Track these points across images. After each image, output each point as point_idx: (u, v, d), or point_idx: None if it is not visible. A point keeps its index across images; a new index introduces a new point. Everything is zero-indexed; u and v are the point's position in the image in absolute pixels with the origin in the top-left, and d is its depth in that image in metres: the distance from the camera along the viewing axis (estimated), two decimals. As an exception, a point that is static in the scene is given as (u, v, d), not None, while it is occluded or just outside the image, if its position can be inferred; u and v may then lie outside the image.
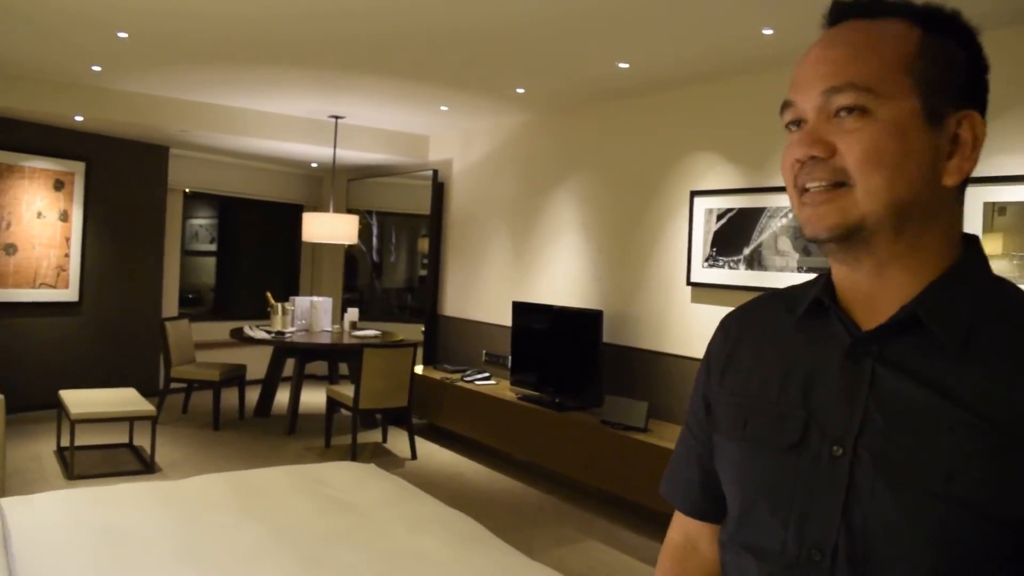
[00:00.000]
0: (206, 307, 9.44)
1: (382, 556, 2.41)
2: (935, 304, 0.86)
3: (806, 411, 0.92)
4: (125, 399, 5.50)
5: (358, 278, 9.55)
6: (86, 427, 5.34)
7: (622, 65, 4.80)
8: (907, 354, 0.86)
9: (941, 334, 0.84)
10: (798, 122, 0.92)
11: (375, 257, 9.52)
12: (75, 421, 5.05)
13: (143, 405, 5.36)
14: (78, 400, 5.34)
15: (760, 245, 4.68)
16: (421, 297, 7.87)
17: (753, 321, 1.10)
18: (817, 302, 0.96)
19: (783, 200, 4.54)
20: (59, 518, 2.60)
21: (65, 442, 5.33)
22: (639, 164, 5.52)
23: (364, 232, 8.85)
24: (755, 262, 4.70)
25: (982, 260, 0.91)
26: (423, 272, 8.14)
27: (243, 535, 2.48)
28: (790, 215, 4.50)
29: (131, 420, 5.47)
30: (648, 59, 4.65)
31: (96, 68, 5.57)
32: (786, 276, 4.51)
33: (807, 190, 0.89)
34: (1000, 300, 0.88)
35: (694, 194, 5.08)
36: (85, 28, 4.56)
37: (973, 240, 0.92)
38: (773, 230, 4.61)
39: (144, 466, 5.36)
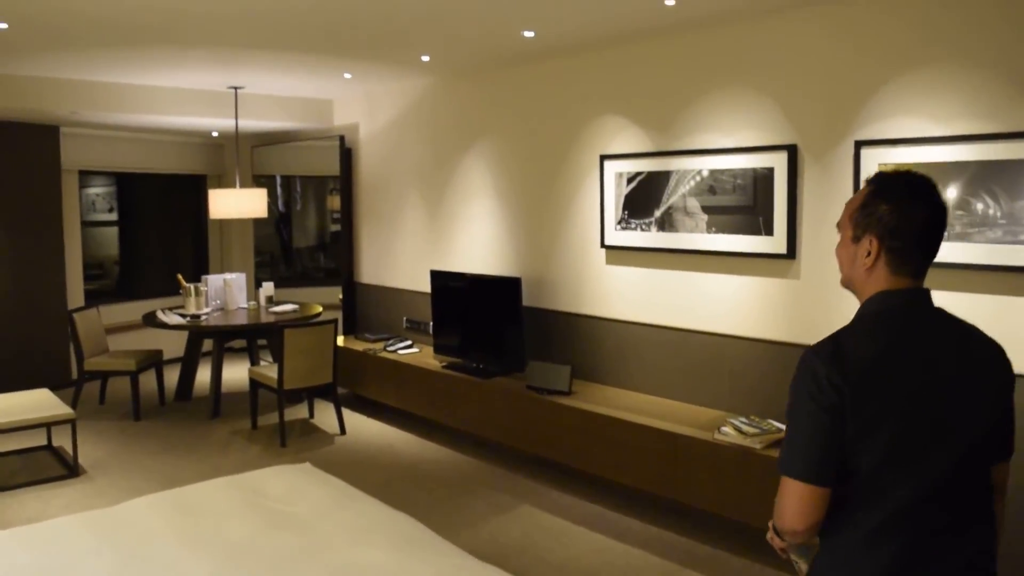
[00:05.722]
0: (111, 281, 9.14)
1: (330, 573, 2.47)
2: None
3: None
4: (40, 402, 5.34)
5: (269, 243, 9.37)
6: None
7: (527, 34, 4.78)
8: None
9: None
10: None
11: (284, 221, 9.35)
12: (-11, 431, 4.90)
13: (60, 408, 5.22)
14: (-10, 407, 5.17)
15: (670, 208, 4.80)
16: (335, 254, 7.78)
17: None
18: None
19: (691, 163, 4.66)
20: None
21: (-20, 449, 5.18)
22: (549, 128, 5.55)
23: (270, 195, 8.67)
24: (666, 224, 4.82)
25: (865, 304, 1.65)
26: (335, 228, 8.04)
27: (193, 570, 2.49)
28: (698, 178, 4.62)
29: (50, 426, 5.31)
30: (553, 28, 4.64)
31: (-28, 57, 5.24)
32: (696, 237, 4.65)
33: None
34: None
35: (603, 158, 5.14)
36: (-44, 22, 4.28)
37: (878, 294, 1.63)
38: (682, 192, 4.72)
39: (68, 469, 5.25)
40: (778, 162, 4.25)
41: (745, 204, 4.41)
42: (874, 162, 3.86)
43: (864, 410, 1.50)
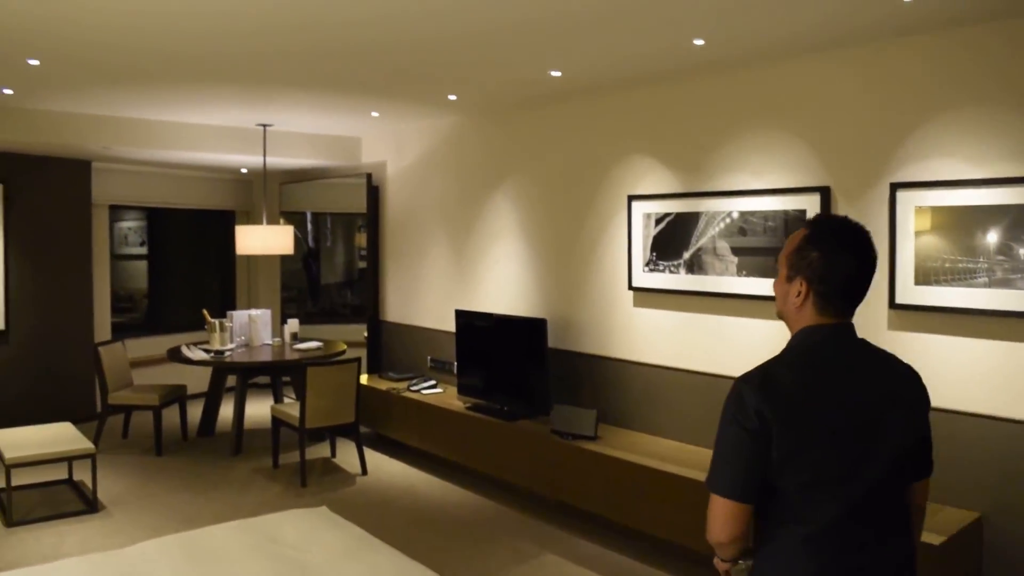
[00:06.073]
0: (140, 314, 9.19)
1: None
2: None
3: None
4: (62, 436, 5.32)
5: (297, 277, 9.38)
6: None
7: (554, 73, 4.75)
8: None
9: None
10: None
11: (313, 257, 9.36)
12: (10, 466, 4.87)
13: (81, 443, 5.19)
14: (13, 441, 5.15)
15: (700, 250, 4.71)
16: (361, 292, 7.76)
17: None
18: None
19: (720, 205, 4.57)
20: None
21: (1, 483, 5.13)
22: (576, 168, 5.50)
23: (300, 231, 8.70)
24: (695, 266, 4.73)
25: (794, 336, 1.77)
26: (363, 265, 8.03)
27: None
28: (728, 219, 4.53)
29: (71, 460, 5.28)
30: (580, 68, 4.61)
31: (8, 91, 5.31)
32: (726, 280, 4.55)
33: None
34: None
35: (631, 198, 5.07)
36: (-10, 58, 4.33)
37: (804, 329, 1.75)
38: (712, 234, 4.64)
39: (87, 505, 5.20)
40: (810, 204, 4.16)
41: (776, 247, 4.31)
42: (910, 205, 3.76)
43: (788, 436, 1.62)
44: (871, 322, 3.91)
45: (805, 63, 4.19)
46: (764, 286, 4.35)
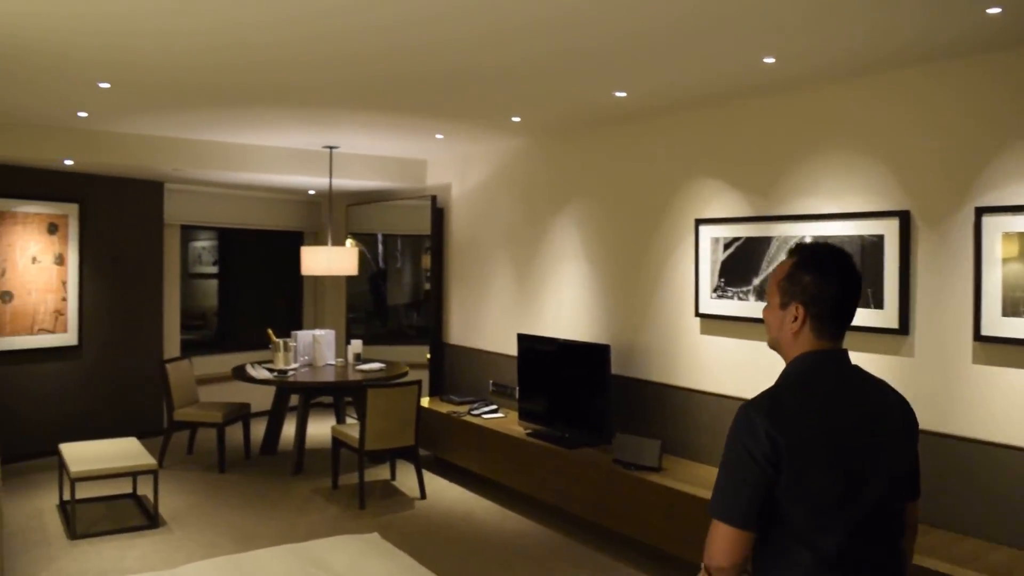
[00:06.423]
0: (211, 332, 9.34)
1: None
2: None
3: None
4: (126, 451, 5.38)
5: (364, 298, 9.41)
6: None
7: (619, 94, 4.65)
8: None
9: None
10: None
11: (381, 278, 9.38)
12: (75, 479, 4.94)
13: (144, 459, 5.24)
14: (78, 455, 5.23)
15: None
16: (427, 313, 7.74)
17: None
18: None
19: (792, 229, 4.39)
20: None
21: (67, 495, 5.20)
22: (641, 191, 5.37)
23: (370, 251, 8.75)
24: (766, 293, 4.54)
25: (792, 362, 1.82)
26: (428, 286, 8.02)
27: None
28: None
29: (134, 475, 5.34)
30: (646, 88, 4.50)
31: (82, 114, 5.44)
32: (798, 308, 4.36)
33: None
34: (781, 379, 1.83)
35: (699, 222, 4.92)
36: (65, 79, 4.43)
37: (802, 355, 1.80)
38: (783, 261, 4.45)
39: (148, 520, 5.25)
40: (888, 229, 3.95)
41: (852, 274, 4.11)
42: (997, 231, 3.54)
43: (797, 460, 1.65)
44: (954, 355, 3.68)
45: (882, 79, 4.00)
46: (838, 314, 4.14)
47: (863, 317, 4.02)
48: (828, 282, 1.77)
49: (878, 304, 3.98)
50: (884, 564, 1.76)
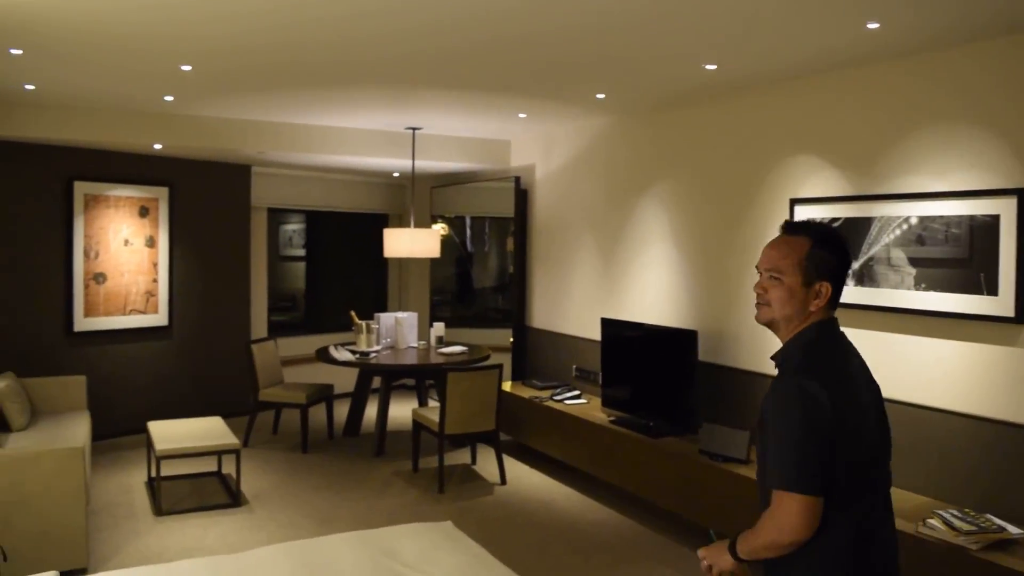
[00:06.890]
0: (300, 314, 9.47)
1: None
2: (779, 351, 1.93)
3: None
4: (211, 431, 5.45)
5: (450, 281, 9.38)
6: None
7: (709, 67, 4.41)
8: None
9: (776, 363, 1.93)
10: (760, 272, 1.95)
11: (467, 260, 9.32)
12: (160, 457, 5.02)
13: (228, 438, 5.30)
14: (164, 434, 5.32)
15: (871, 259, 4.23)
16: (512, 297, 7.64)
17: None
18: None
19: (896, 209, 4.09)
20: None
21: (154, 472, 5.30)
22: (731, 170, 5.12)
23: (458, 234, 8.71)
24: (866, 278, 4.26)
25: (807, 330, 1.88)
26: (512, 269, 7.93)
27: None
28: (905, 226, 4.05)
29: (218, 454, 5.41)
30: (738, 60, 4.25)
31: (168, 98, 5.51)
32: (901, 294, 4.06)
33: (758, 304, 1.95)
34: (790, 343, 1.91)
35: (794, 202, 4.65)
36: (148, 62, 4.46)
37: (817, 323, 1.88)
38: (885, 242, 4.16)
39: (231, 498, 5.31)
40: (1005, 209, 3.62)
41: (960, 257, 3.80)
42: None
43: (844, 425, 1.74)
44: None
45: (996, 45, 3.66)
46: (946, 301, 3.84)
47: (973, 304, 3.71)
48: (847, 260, 1.93)
49: (991, 290, 3.66)
50: (892, 523, 1.88)
